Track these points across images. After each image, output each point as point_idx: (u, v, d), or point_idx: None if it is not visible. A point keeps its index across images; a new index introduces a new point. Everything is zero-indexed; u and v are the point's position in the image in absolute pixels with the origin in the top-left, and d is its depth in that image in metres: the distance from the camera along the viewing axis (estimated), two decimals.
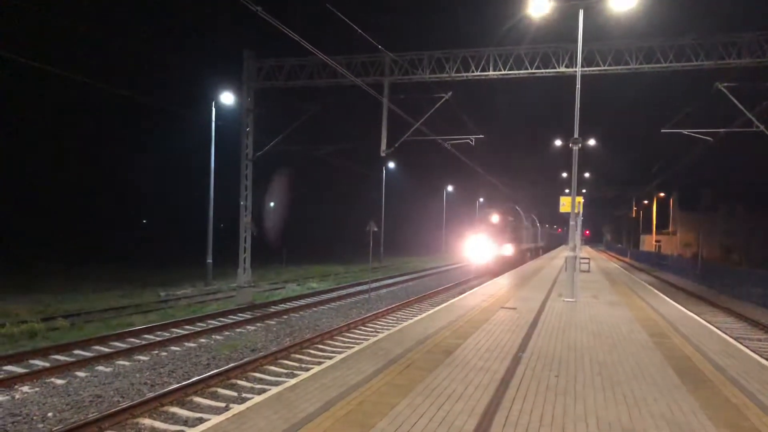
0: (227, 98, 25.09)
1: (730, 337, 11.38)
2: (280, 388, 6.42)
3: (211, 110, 27.27)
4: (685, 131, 22.59)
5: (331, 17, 13.46)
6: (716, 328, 12.22)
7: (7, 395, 9.03)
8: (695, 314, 14.54)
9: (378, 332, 14.82)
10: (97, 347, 12.72)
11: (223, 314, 17.61)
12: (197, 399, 8.98)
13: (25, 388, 9.42)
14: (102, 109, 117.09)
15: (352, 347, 9.96)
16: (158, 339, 13.54)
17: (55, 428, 7.52)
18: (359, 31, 15.26)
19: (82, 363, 11.02)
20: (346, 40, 21.51)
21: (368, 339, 11.26)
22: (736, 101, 19.68)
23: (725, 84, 19.84)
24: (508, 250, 33.25)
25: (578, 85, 15.93)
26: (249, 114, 21.07)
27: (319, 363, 10.55)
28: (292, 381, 6.76)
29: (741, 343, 10.99)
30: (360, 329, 15.49)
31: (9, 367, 10.77)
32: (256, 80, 20.97)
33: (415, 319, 11.74)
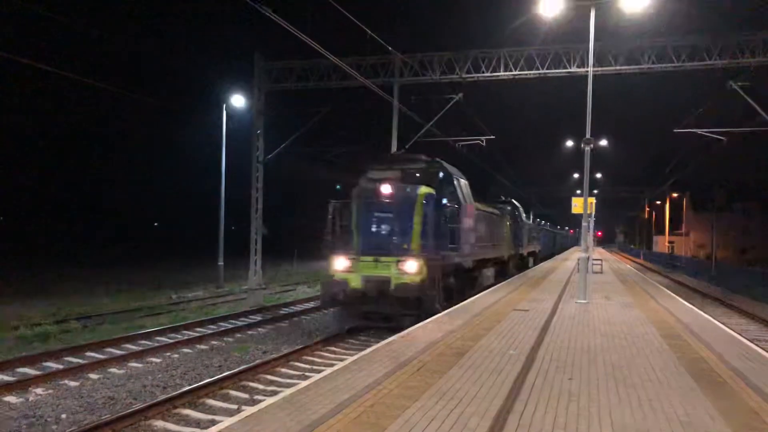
0: (238, 101, 25.19)
1: (746, 339, 11.23)
2: (291, 391, 6.40)
3: (222, 112, 27.37)
4: (698, 131, 22.40)
5: (340, 18, 13.47)
6: (731, 330, 12.07)
7: (22, 397, 9.10)
8: (710, 316, 14.38)
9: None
10: (109, 349, 12.79)
11: (235, 316, 17.65)
12: (209, 401, 8.99)
13: (39, 390, 9.48)
14: (114, 112, 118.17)
15: (363, 349, 9.91)
16: (170, 341, 13.59)
17: (69, 430, 7.56)
18: (369, 32, 15.26)
19: (95, 365, 11.08)
20: (355, 41, 21.56)
21: (379, 341, 11.21)
22: (750, 100, 19.48)
23: (739, 83, 19.65)
24: (411, 268, 13.15)
25: (590, 85, 15.83)
26: (260, 116, 21.13)
27: (331, 365, 10.53)
28: (304, 383, 6.74)
29: (757, 345, 10.83)
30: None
31: (23, 369, 10.85)
32: (266, 82, 21.03)
33: (427, 320, 11.69)
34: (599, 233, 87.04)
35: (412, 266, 13.16)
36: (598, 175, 58.10)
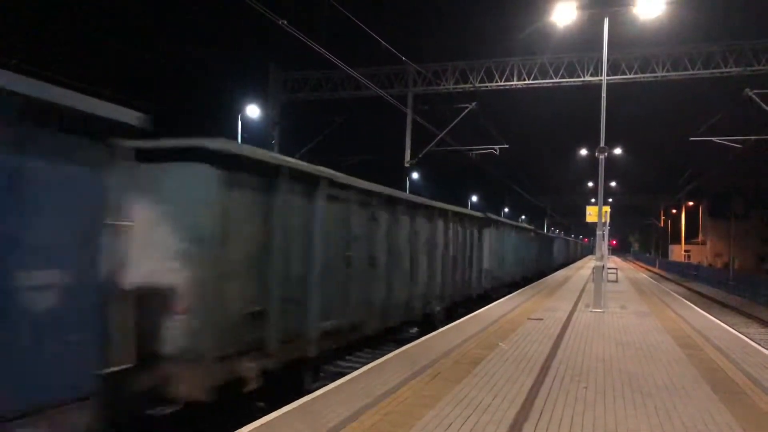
0: (253, 111, 25.43)
1: (765, 348, 11.10)
2: (306, 398, 6.43)
3: (237, 123, 27.62)
4: (714, 139, 22.27)
5: (354, 29, 13.63)
6: (750, 339, 11.94)
7: None
8: (728, 325, 14.23)
9: (403, 342, 14.76)
10: None
11: None
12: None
13: None
14: None
15: (378, 357, 9.96)
16: None
17: None
18: (383, 43, 15.39)
19: None
20: (370, 51, 21.75)
21: (394, 349, 11.25)
22: (766, 108, 19.34)
23: (755, 90, 19.53)
24: None
25: (604, 94, 15.83)
26: (275, 127, 21.34)
27: (345, 373, 10.55)
28: (319, 391, 6.77)
29: None
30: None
31: None
32: (281, 93, 21.25)
33: (442, 329, 11.69)
34: (614, 242, 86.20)
35: None
36: (613, 184, 57.79)
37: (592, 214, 18.34)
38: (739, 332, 13.28)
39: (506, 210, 76.37)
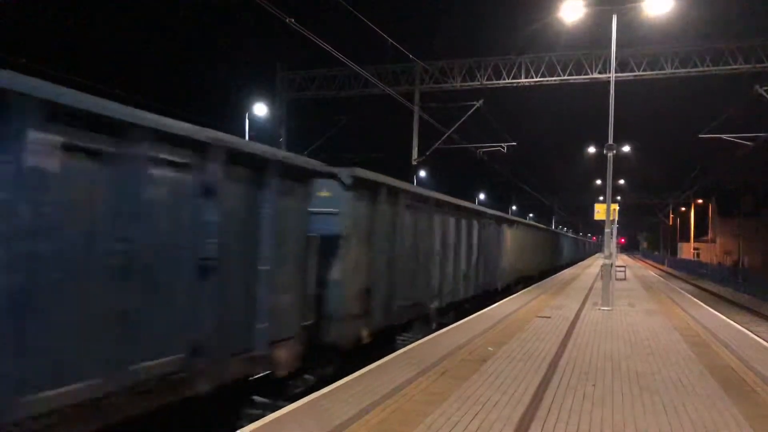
0: (260, 110, 25.48)
1: None
2: (314, 396, 6.45)
3: (245, 122, 27.67)
4: (723, 136, 22.13)
5: (361, 27, 13.64)
6: (761, 337, 11.86)
7: None
8: (738, 323, 14.15)
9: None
10: None
11: None
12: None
13: None
14: None
15: (385, 355, 9.96)
16: None
17: None
18: (390, 40, 15.38)
19: None
20: (376, 49, 21.74)
21: (400, 347, 11.26)
22: None
23: (765, 87, 19.39)
24: None
25: (612, 91, 15.74)
26: (282, 125, 21.38)
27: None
28: (326, 389, 6.78)
29: None
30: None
31: None
32: (288, 92, 21.29)
33: (448, 327, 11.68)
34: (622, 240, 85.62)
35: None
36: (622, 181, 57.46)
37: (600, 211, 18.26)
38: (749, 330, 13.19)
39: (514, 208, 76.13)
